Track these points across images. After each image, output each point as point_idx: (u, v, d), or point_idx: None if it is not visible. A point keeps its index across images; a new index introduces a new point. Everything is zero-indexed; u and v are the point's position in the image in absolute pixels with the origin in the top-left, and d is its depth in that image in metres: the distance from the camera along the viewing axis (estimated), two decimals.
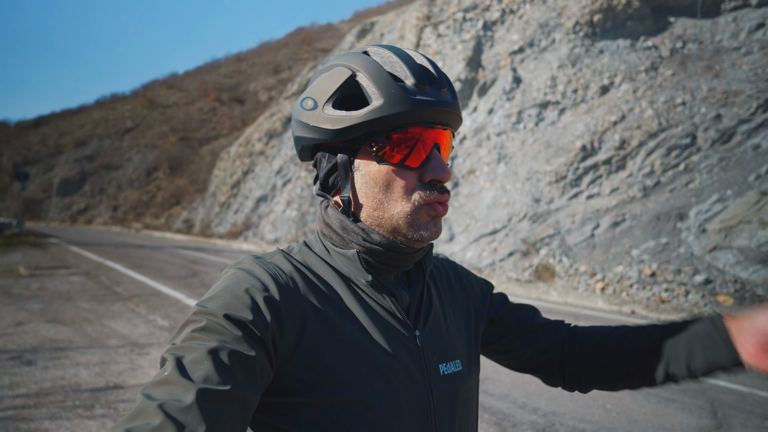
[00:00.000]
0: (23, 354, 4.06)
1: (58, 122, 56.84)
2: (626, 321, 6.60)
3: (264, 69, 49.00)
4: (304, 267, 0.64)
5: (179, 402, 0.46)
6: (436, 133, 0.63)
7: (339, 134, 0.63)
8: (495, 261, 10.91)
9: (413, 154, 0.62)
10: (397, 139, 0.61)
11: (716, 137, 10.26)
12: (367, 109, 0.60)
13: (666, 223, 9.33)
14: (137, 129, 48.10)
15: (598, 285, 8.53)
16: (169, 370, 0.49)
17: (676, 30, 13.42)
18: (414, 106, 0.60)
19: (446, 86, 0.64)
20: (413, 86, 0.61)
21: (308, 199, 20.11)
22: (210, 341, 0.51)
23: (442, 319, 0.72)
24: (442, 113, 0.62)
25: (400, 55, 0.63)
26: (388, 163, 0.62)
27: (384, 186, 0.63)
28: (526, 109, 13.60)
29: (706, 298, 7.44)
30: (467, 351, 0.73)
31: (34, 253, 13.08)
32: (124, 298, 6.70)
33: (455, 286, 0.80)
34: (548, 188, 11.57)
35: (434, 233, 0.64)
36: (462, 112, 3.59)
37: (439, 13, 18.07)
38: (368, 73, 0.61)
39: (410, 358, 0.63)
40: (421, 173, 0.63)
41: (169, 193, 36.87)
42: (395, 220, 0.63)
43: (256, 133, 27.26)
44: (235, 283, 0.58)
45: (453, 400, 0.66)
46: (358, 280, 0.64)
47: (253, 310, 0.55)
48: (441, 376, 0.66)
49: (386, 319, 0.64)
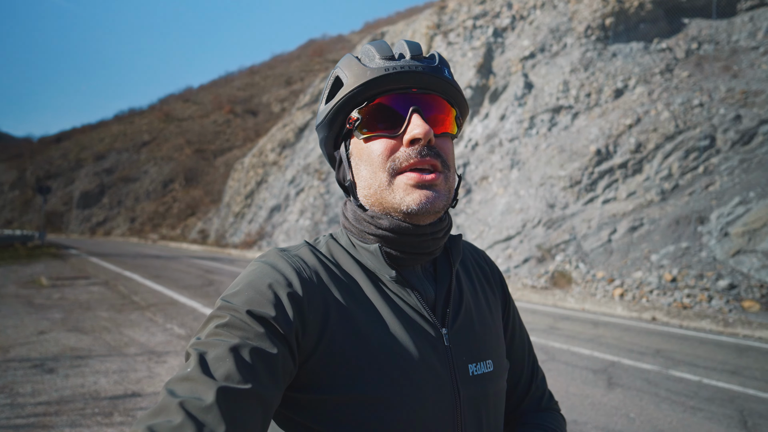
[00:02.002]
0: (45, 362, 4.13)
1: (79, 137, 58.58)
2: (647, 328, 6.43)
3: (276, 81, 49.83)
4: (329, 260, 0.64)
5: (200, 401, 0.46)
6: (411, 97, 0.62)
7: (329, 124, 0.66)
8: (510, 268, 10.77)
9: (387, 120, 0.62)
10: (370, 110, 0.62)
11: (736, 138, 10.02)
12: (339, 91, 0.63)
13: (686, 227, 9.10)
14: (154, 142, 49.25)
15: (616, 291, 8.34)
16: (192, 366, 0.49)
17: (691, 31, 13.22)
18: (376, 74, 0.61)
19: (419, 55, 0.63)
20: (379, 60, 0.62)
21: (321, 208, 20.23)
22: (232, 338, 0.51)
23: (475, 316, 0.69)
24: (413, 75, 0.61)
25: (376, 43, 0.65)
26: (365, 135, 0.63)
27: (367, 160, 0.63)
28: (539, 114, 13.50)
29: (731, 304, 7.21)
30: (499, 351, 0.70)
31: (55, 264, 13.40)
32: (142, 307, 6.79)
33: (491, 279, 0.77)
34: (563, 193, 11.42)
35: (422, 203, 0.60)
36: (474, 119, 3.57)
37: (449, 22, 18.17)
38: (342, 64, 0.65)
39: (436, 358, 0.61)
40: (401, 139, 0.62)
41: (185, 204, 37.52)
42: (380, 194, 0.62)
43: (269, 143, 27.63)
44: (259, 277, 0.57)
45: (481, 402, 0.64)
46: (383, 275, 0.63)
47: (276, 306, 0.54)
48: (470, 376, 0.63)
49: (412, 317, 0.62)
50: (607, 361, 4.61)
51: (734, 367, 4.52)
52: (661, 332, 6.15)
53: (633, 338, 5.69)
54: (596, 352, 4.90)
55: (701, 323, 6.61)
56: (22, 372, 3.85)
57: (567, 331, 5.99)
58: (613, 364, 4.49)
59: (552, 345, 5.16)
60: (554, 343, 5.27)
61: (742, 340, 5.88)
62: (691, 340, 5.72)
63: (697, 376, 4.17)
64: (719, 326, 6.43)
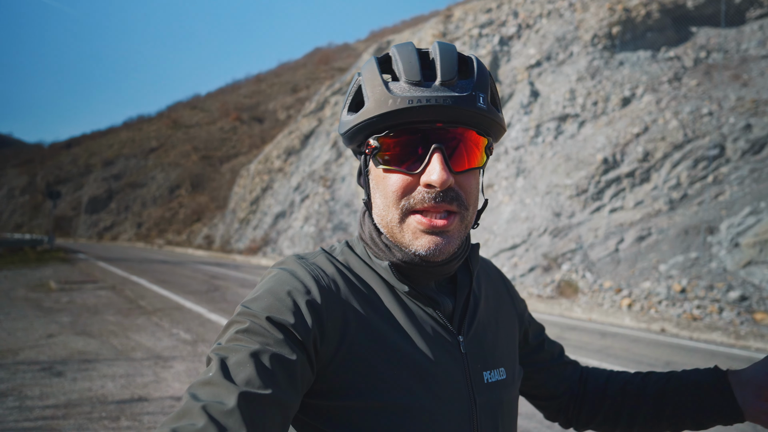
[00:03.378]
0: (53, 365, 4.15)
1: (88, 143, 59.32)
2: (656, 339, 6.34)
3: (283, 89, 50.28)
4: (346, 269, 0.64)
5: (222, 405, 0.46)
6: (435, 132, 0.58)
7: (348, 139, 0.64)
8: (516, 276, 10.70)
9: (407, 156, 0.58)
10: (390, 141, 0.59)
11: (746, 148, 9.94)
12: (359, 112, 0.60)
13: (695, 236, 9.01)
14: (161, 148, 49.75)
15: (624, 301, 8.24)
16: (214, 371, 0.49)
17: (699, 40, 13.20)
18: (398, 106, 0.56)
19: (451, 78, 0.57)
20: (405, 83, 0.57)
21: (326, 215, 20.27)
22: (253, 344, 0.52)
23: (488, 326, 0.70)
24: (439, 110, 0.56)
25: (405, 50, 0.60)
26: (383, 165, 0.60)
27: (382, 192, 0.61)
28: (545, 122, 13.49)
29: (742, 316, 7.10)
30: (512, 360, 0.71)
31: (63, 268, 13.51)
32: (149, 312, 6.82)
33: (504, 294, 0.78)
34: (569, 202, 11.36)
35: (431, 250, 0.58)
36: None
37: (454, 30, 18.29)
38: (365, 75, 0.61)
39: (453, 365, 0.61)
40: (420, 178, 0.58)
41: (191, 210, 37.76)
42: (391, 229, 0.61)
43: (275, 150, 27.81)
44: (278, 284, 0.58)
45: (497, 409, 0.64)
46: (397, 287, 0.64)
47: (295, 313, 0.55)
48: (485, 384, 0.64)
49: (429, 325, 0.62)
50: None
51: None
52: (670, 344, 6.06)
53: (642, 350, 5.61)
54: (604, 364, 4.84)
55: (712, 335, 6.51)
56: (30, 375, 3.87)
57: (574, 341, 5.93)
58: None
59: None
60: None
61: (754, 353, 5.78)
62: (702, 353, 5.63)
63: None
64: (731, 339, 6.33)
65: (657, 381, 0.74)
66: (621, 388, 0.76)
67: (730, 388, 0.65)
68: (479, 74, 0.60)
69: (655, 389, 0.73)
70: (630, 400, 0.74)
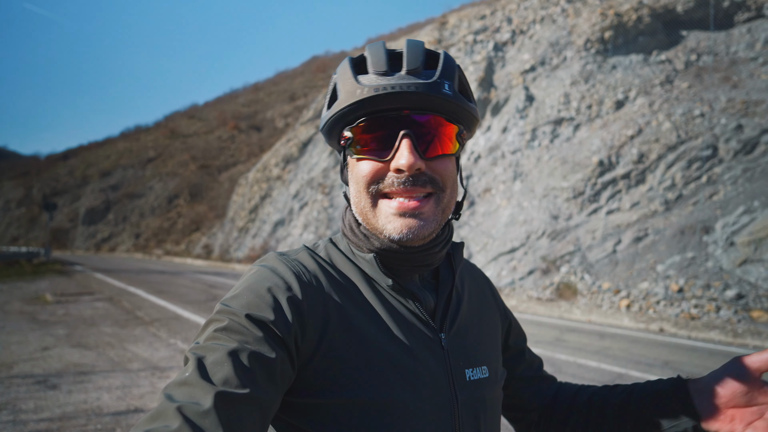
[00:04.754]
0: (48, 378, 4.12)
1: (85, 154, 59.31)
2: (655, 339, 6.33)
3: (280, 97, 50.48)
4: (329, 265, 0.64)
5: (198, 405, 0.46)
6: (403, 120, 0.59)
7: (326, 134, 0.66)
8: (515, 280, 10.69)
9: (378, 143, 0.60)
10: (361, 129, 0.61)
11: (739, 148, 10.02)
12: (333, 106, 0.62)
13: (691, 236, 9.04)
14: (159, 158, 49.77)
15: (623, 302, 8.25)
16: (190, 371, 0.49)
17: (690, 43, 13.35)
18: (366, 94, 0.58)
19: (416, 67, 0.58)
20: (373, 74, 0.59)
21: (325, 222, 20.26)
22: (231, 342, 0.51)
23: (471, 324, 0.70)
24: (405, 96, 0.57)
25: (375, 47, 0.62)
26: (356, 155, 0.62)
27: (354, 179, 0.63)
28: (540, 126, 13.58)
29: (740, 314, 7.10)
30: (495, 359, 0.71)
31: (60, 280, 13.44)
32: (146, 323, 6.78)
33: (488, 295, 0.78)
34: (566, 204, 11.40)
35: (404, 233, 0.59)
36: (476, 132, 3.57)
37: (449, 37, 18.45)
38: (339, 72, 0.63)
39: (435, 361, 0.61)
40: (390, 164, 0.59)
41: (189, 219, 37.70)
42: (365, 215, 0.62)
43: (273, 158, 27.86)
44: (258, 281, 0.58)
45: (479, 407, 0.64)
46: (380, 282, 0.64)
47: (275, 309, 0.54)
48: (467, 381, 0.63)
49: (410, 321, 0.62)
50: (614, 373, 4.54)
51: None
52: (669, 343, 6.06)
53: (641, 350, 5.60)
54: (603, 365, 4.83)
55: (710, 334, 6.51)
56: (25, 388, 3.83)
57: (573, 343, 5.92)
58: (620, 377, 4.42)
59: (558, 357, 5.09)
60: (560, 355, 5.20)
61: (752, 351, 5.78)
62: (700, 352, 5.63)
63: None
64: (728, 337, 6.33)
65: (621, 392, 0.73)
66: (587, 401, 0.75)
67: (690, 395, 0.64)
68: (445, 64, 0.61)
69: (619, 400, 0.72)
70: (596, 413, 0.73)
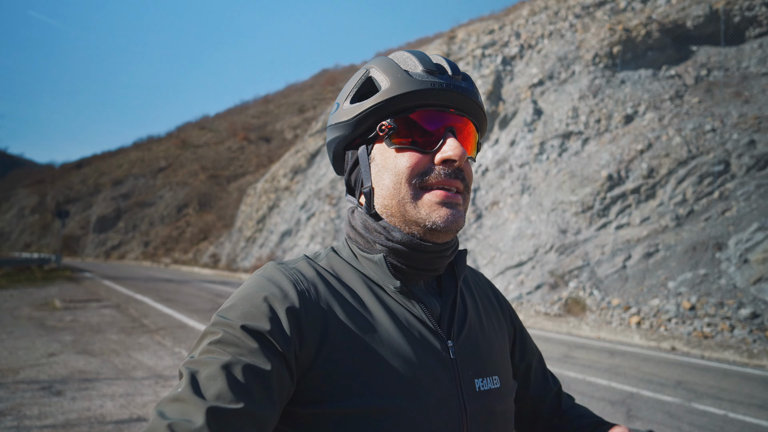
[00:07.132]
0: (53, 384, 4.13)
1: (98, 163, 60.37)
2: (666, 358, 6.18)
3: (290, 109, 51.16)
4: (329, 273, 0.63)
5: (189, 423, 0.45)
6: (448, 117, 0.62)
7: (355, 125, 0.64)
8: (522, 294, 10.56)
9: (422, 136, 0.61)
10: (406, 121, 0.62)
11: (751, 163, 9.89)
12: (376, 94, 0.62)
13: (703, 253, 8.88)
14: (170, 168, 50.49)
15: (633, 319, 8.09)
16: (183, 387, 0.48)
17: (700, 58, 13.32)
18: (420, 86, 0.60)
19: (461, 75, 0.64)
20: (422, 72, 0.62)
21: (331, 233, 20.29)
22: (225, 355, 0.50)
23: (479, 332, 0.68)
24: (454, 96, 0.61)
25: (415, 52, 0.65)
26: (396, 145, 0.62)
27: (392, 170, 0.62)
28: (549, 139, 13.56)
29: (755, 334, 6.92)
30: (506, 369, 0.69)
31: (69, 286, 13.57)
32: (151, 331, 6.79)
33: (494, 302, 0.77)
34: (574, 219, 11.30)
35: (449, 220, 0.60)
36: (484, 145, 3.56)
37: (458, 51, 18.63)
38: (379, 66, 0.64)
39: (442, 370, 0.59)
40: (433, 157, 0.61)
41: (198, 228, 38.01)
42: (403, 207, 0.61)
43: (281, 169, 28.10)
44: (255, 290, 0.56)
45: (489, 419, 0.61)
46: (386, 286, 0.62)
47: (272, 319, 0.53)
48: (477, 392, 0.61)
49: (416, 328, 0.61)
50: (625, 392, 4.43)
51: (762, 401, 4.30)
52: (681, 363, 5.91)
53: (652, 368, 5.47)
54: (614, 383, 4.72)
55: (724, 354, 6.34)
56: (30, 394, 3.84)
57: (582, 360, 5.80)
58: (632, 396, 4.31)
59: (567, 374, 4.98)
60: (569, 372, 5.09)
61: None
62: (714, 372, 5.48)
63: (723, 410, 3.97)
64: (744, 357, 6.16)
65: None
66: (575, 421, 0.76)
67: None
68: (467, 75, 0.67)
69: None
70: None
